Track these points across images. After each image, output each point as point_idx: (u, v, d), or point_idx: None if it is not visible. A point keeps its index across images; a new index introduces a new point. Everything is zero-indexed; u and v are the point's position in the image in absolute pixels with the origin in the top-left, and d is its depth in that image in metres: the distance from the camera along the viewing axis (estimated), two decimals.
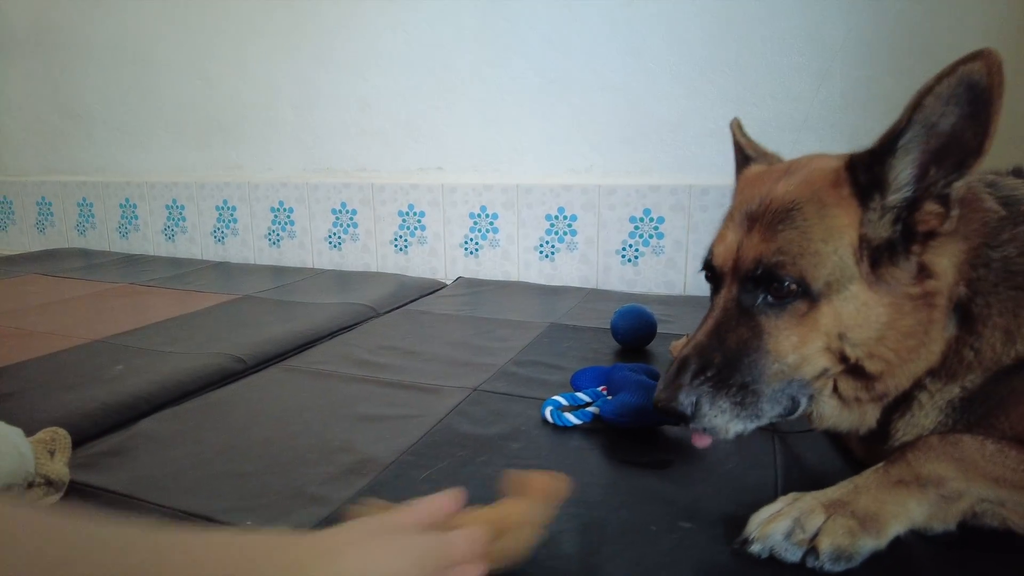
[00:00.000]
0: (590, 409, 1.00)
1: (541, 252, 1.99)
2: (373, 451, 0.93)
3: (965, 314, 0.72)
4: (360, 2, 2.07)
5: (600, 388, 1.05)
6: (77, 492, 0.85)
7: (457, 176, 2.07)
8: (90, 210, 2.69)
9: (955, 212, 0.68)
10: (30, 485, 0.78)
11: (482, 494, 0.81)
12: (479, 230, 2.05)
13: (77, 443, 0.98)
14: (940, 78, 0.62)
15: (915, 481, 0.70)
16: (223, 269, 2.29)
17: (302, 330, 1.51)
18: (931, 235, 0.69)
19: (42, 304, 1.87)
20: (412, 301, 1.82)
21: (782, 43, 1.68)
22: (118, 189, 2.60)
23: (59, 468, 0.81)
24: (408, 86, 2.07)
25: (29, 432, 0.84)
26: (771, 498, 0.73)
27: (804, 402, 0.74)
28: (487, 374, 1.23)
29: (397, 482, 0.85)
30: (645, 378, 1.02)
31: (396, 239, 2.16)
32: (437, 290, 1.95)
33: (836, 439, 0.92)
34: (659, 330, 1.37)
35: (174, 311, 1.73)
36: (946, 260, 0.70)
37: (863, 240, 0.69)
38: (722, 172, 1.79)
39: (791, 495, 0.72)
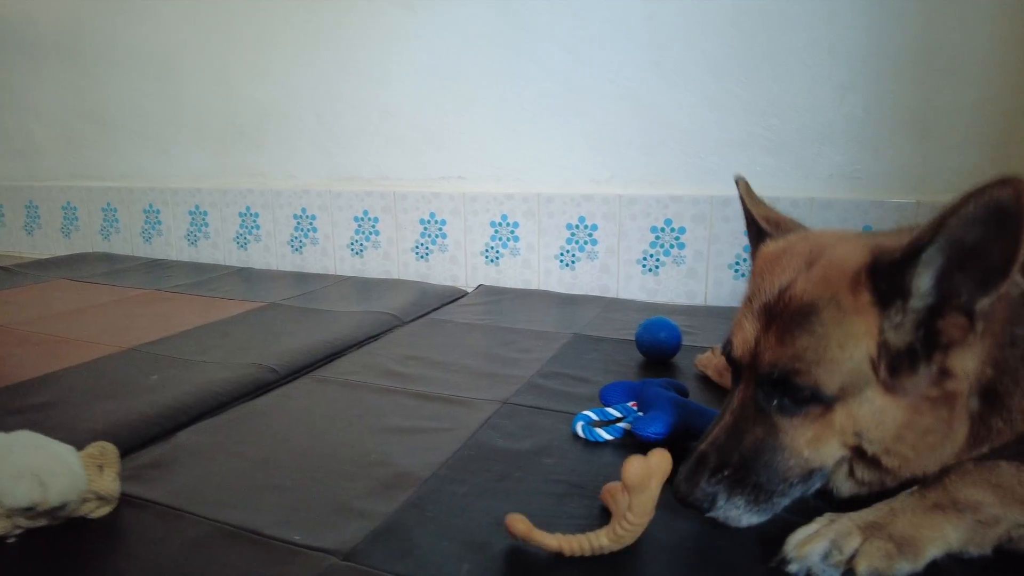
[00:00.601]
0: (621, 425, 1.02)
1: (561, 261, 2.01)
2: (410, 465, 0.95)
3: (990, 392, 0.72)
4: (382, 12, 2.09)
5: (630, 403, 1.07)
6: (126, 504, 0.87)
7: (478, 185, 2.09)
8: (114, 215, 2.73)
9: (980, 326, 0.67)
10: (84, 501, 0.81)
11: (521, 510, 0.83)
12: (500, 238, 2.07)
13: (122, 454, 1.01)
14: (966, 200, 0.61)
15: (952, 506, 0.71)
16: (246, 275, 2.32)
17: (330, 339, 1.54)
18: (954, 344, 0.68)
19: (72, 310, 1.91)
20: (435, 309, 1.85)
21: (804, 55, 1.69)
22: (142, 195, 2.64)
23: (109, 483, 0.84)
24: (430, 95, 2.09)
25: (77, 446, 0.87)
26: (806, 518, 0.74)
27: (818, 483, 0.76)
28: (515, 386, 1.25)
29: (437, 496, 0.87)
30: (675, 394, 1.04)
31: (417, 247, 2.19)
32: (458, 298, 1.97)
33: None
34: (683, 342, 1.38)
35: (202, 319, 1.76)
36: (969, 362, 0.69)
37: (881, 347, 0.68)
38: None
39: (827, 516, 0.74)
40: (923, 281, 0.67)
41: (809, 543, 0.70)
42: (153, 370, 1.37)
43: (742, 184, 0.92)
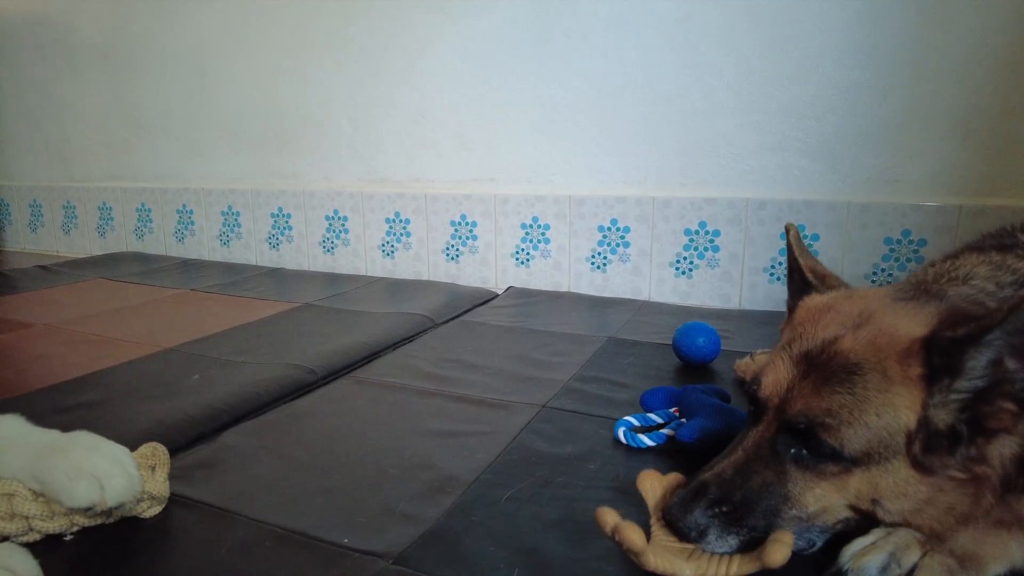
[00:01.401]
0: (664, 431, 1.01)
1: (593, 263, 2.01)
2: (453, 468, 0.96)
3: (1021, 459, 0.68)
4: (415, 15, 2.10)
5: (672, 410, 1.06)
6: (176, 503, 0.89)
7: (509, 187, 2.09)
8: (148, 215, 2.77)
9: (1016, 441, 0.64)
10: (137, 501, 0.82)
11: (569, 515, 0.84)
12: (530, 240, 2.07)
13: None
14: None
15: (1017, 523, 0.69)
16: (278, 276, 2.34)
17: (365, 341, 1.55)
18: (1000, 431, 0.65)
19: (111, 310, 1.95)
20: (466, 311, 1.85)
21: (843, 56, 1.67)
22: (176, 195, 2.68)
23: (160, 484, 0.85)
24: (462, 98, 2.10)
25: (125, 445, 0.89)
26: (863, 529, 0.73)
27: (820, 542, 0.73)
28: (553, 390, 1.25)
29: (482, 501, 0.87)
30: (719, 401, 1.03)
31: (448, 248, 2.20)
32: (489, 300, 1.97)
33: None
34: (721, 347, 1.37)
35: (238, 319, 1.78)
36: (1007, 450, 0.66)
37: (921, 423, 0.65)
38: (780, 186, 1.78)
39: (883, 527, 0.73)
40: (978, 364, 0.64)
41: (867, 555, 0.69)
42: (194, 370, 1.39)
43: (792, 232, 0.89)
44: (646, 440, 1.00)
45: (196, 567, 0.76)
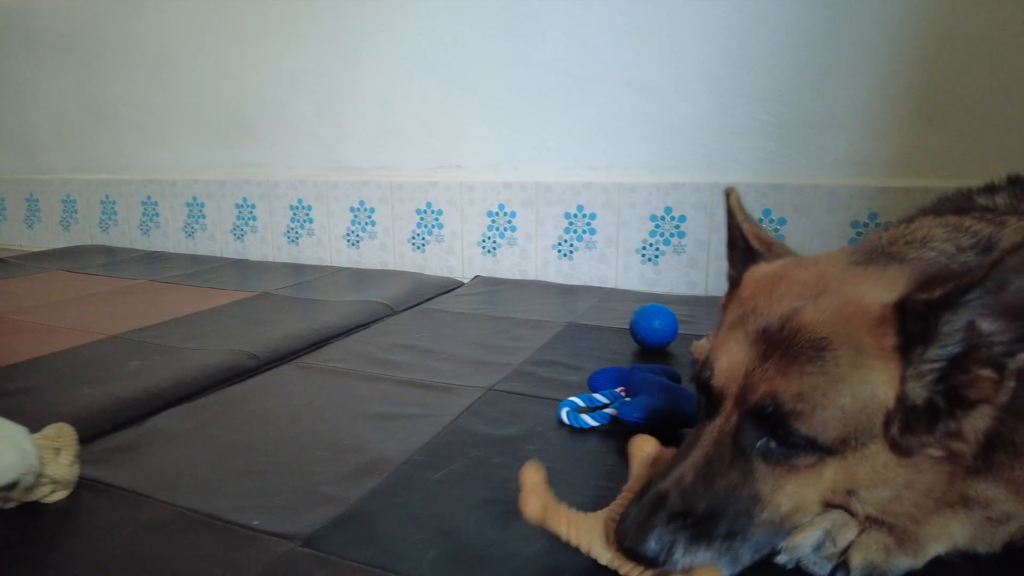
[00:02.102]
0: (608, 411, 0.97)
1: (559, 251, 1.96)
2: (384, 450, 0.91)
3: (994, 434, 0.63)
4: (381, 1, 2.06)
5: (619, 389, 1.02)
6: (86, 488, 0.84)
7: (476, 174, 2.05)
8: (113, 208, 2.71)
9: (1010, 383, 0.58)
10: (38, 485, 0.77)
11: (499, 496, 0.79)
12: (497, 228, 2.03)
13: (88, 439, 0.98)
14: None
15: (960, 502, 0.65)
16: (242, 266, 2.29)
17: (318, 327, 1.50)
18: (980, 402, 0.59)
19: (64, 300, 1.89)
20: (429, 299, 1.80)
21: (810, 39, 1.63)
22: (140, 187, 2.62)
23: (64, 466, 0.80)
24: (429, 84, 2.05)
25: (36, 429, 0.84)
26: None
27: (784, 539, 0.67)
28: (502, 374, 1.20)
29: (409, 482, 0.83)
30: (665, 379, 0.99)
31: (414, 237, 2.15)
32: (454, 288, 1.93)
33: None
34: (680, 330, 1.33)
35: (192, 307, 1.73)
36: (981, 423, 0.60)
37: (900, 400, 0.59)
38: (747, 170, 1.75)
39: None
40: (955, 328, 0.58)
41: (801, 533, 0.65)
42: (135, 356, 1.34)
43: (733, 196, 0.81)
44: (589, 420, 0.96)
45: (92, 552, 0.72)
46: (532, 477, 0.63)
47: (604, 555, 0.64)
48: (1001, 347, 0.57)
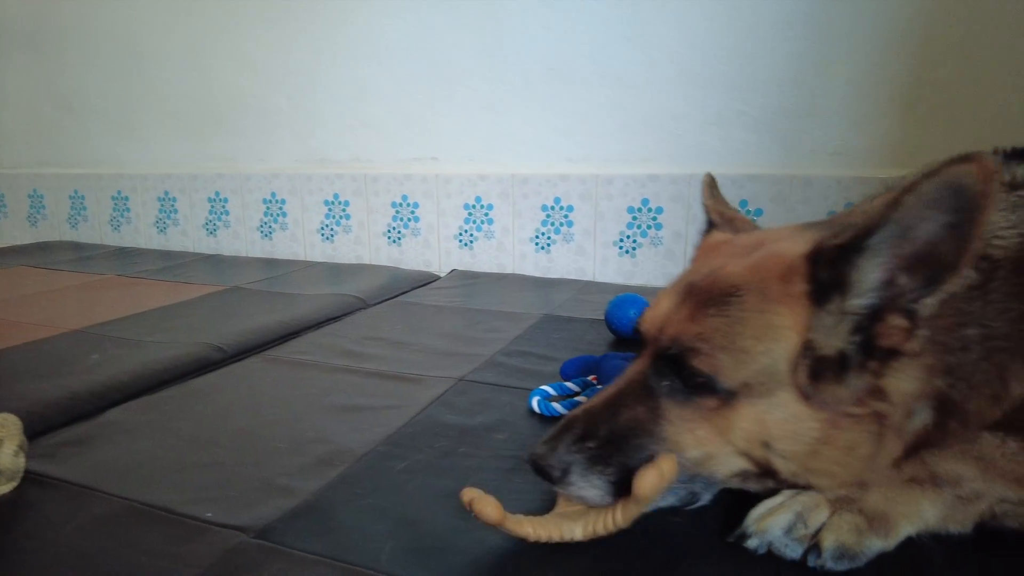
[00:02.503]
0: (579, 399, 0.95)
1: (537, 244, 1.94)
2: (347, 442, 0.88)
3: (945, 401, 0.64)
4: None
5: (590, 377, 0.99)
6: (34, 482, 0.80)
7: (452, 166, 2.02)
8: (82, 203, 2.64)
9: (922, 331, 0.59)
10: None
11: (460, 486, 0.76)
12: (474, 221, 2.00)
13: (41, 432, 0.94)
14: (925, 177, 0.53)
15: (930, 480, 0.64)
16: (214, 261, 2.24)
17: (286, 320, 1.47)
18: (893, 353, 0.59)
19: (27, 295, 1.83)
20: (403, 293, 1.77)
21: (786, 28, 1.62)
22: (110, 181, 2.56)
23: (7, 457, 0.77)
24: (405, 75, 2.02)
25: None
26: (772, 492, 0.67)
27: (706, 497, 0.67)
28: (474, 364, 1.18)
29: (372, 473, 0.80)
30: None
31: (389, 231, 2.11)
32: (430, 282, 1.90)
33: None
34: None
35: (159, 302, 1.68)
36: (906, 384, 0.60)
37: (807, 346, 0.59)
38: (724, 160, 1.73)
39: (794, 490, 0.67)
40: (867, 275, 0.58)
41: (772, 516, 0.63)
42: (96, 350, 1.30)
43: (706, 179, 0.85)
44: (559, 408, 0.93)
45: (35, 546, 0.68)
46: (472, 493, 0.62)
47: (578, 529, 0.63)
48: (913, 294, 0.58)
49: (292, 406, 1.03)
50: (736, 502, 0.68)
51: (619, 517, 0.61)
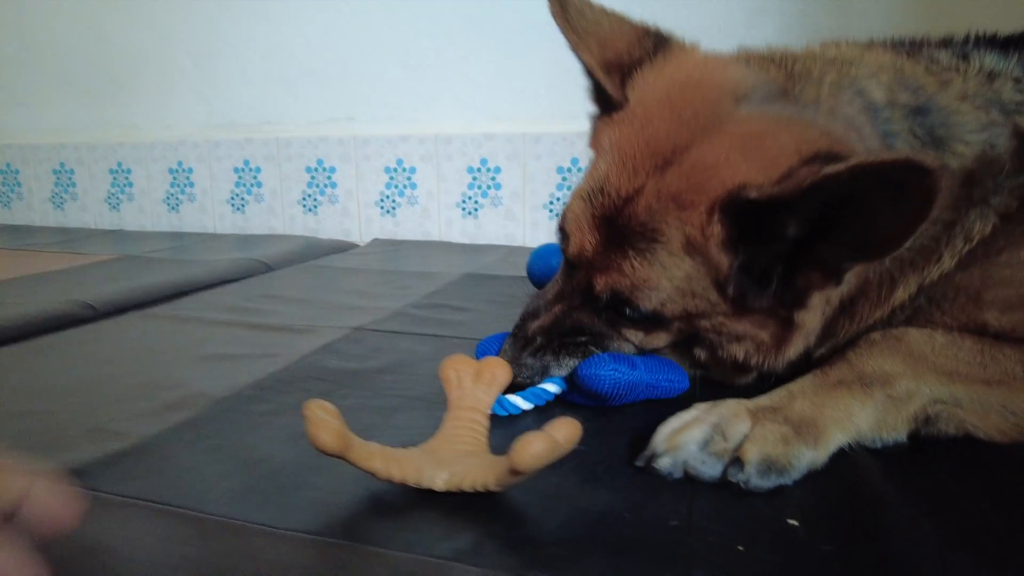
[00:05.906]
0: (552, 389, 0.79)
1: (464, 208, 1.83)
2: (206, 387, 0.75)
3: (847, 303, 0.64)
4: None
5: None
6: None
7: (370, 127, 1.89)
8: None
9: (844, 286, 0.60)
10: None
11: None
12: (396, 186, 1.87)
13: None
14: (865, 167, 0.47)
15: (858, 381, 0.57)
16: (116, 236, 2.06)
17: (176, 281, 1.31)
18: (807, 291, 0.59)
19: None
20: (316, 259, 1.64)
21: None
22: None
23: None
24: (316, 29, 1.88)
25: None
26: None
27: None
28: (376, 316, 1.06)
29: (225, 416, 0.68)
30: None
31: (305, 199, 1.97)
32: (347, 250, 1.76)
33: None
34: None
35: (36, 270, 1.50)
36: (814, 317, 0.61)
37: (728, 279, 0.58)
38: None
39: (708, 402, 0.57)
40: (787, 231, 0.55)
41: (684, 431, 0.54)
42: None
43: (554, 3, 0.73)
44: (521, 404, 0.75)
45: None
46: (316, 411, 0.50)
47: (439, 478, 0.51)
48: (838, 257, 0.55)
49: (160, 357, 0.90)
50: (647, 423, 0.58)
51: (490, 481, 0.50)
